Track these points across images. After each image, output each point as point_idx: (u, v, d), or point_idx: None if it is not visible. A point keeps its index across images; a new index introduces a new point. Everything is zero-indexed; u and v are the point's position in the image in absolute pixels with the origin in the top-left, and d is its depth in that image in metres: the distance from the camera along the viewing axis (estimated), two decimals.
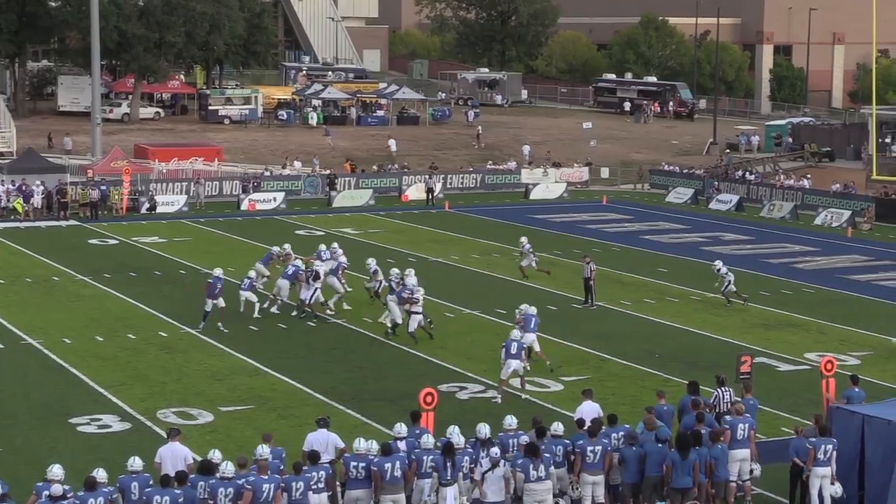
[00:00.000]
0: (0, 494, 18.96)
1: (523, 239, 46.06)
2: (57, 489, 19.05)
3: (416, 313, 35.08)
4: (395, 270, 37.90)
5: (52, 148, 76.60)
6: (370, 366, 33.02)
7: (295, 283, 38.44)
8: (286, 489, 20.11)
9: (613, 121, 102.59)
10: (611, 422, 22.99)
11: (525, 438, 21.98)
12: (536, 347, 32.53)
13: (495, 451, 21.20)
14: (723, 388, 25.02)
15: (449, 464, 21.02)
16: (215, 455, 20.25)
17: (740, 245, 54.80)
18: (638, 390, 30.63)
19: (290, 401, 29.65)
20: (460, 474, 21.17)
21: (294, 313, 38.06)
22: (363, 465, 20.88)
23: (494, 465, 21.06)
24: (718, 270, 41.42)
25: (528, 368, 31.00)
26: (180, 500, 19.41)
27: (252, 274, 38.85)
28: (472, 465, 21.42)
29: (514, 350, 29.97)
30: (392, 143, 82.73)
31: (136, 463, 20.34)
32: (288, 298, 38.67)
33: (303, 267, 38.85)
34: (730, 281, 41.20)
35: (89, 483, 19.34)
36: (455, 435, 21.53)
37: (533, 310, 33.13)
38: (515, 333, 30.87)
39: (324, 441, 21.91)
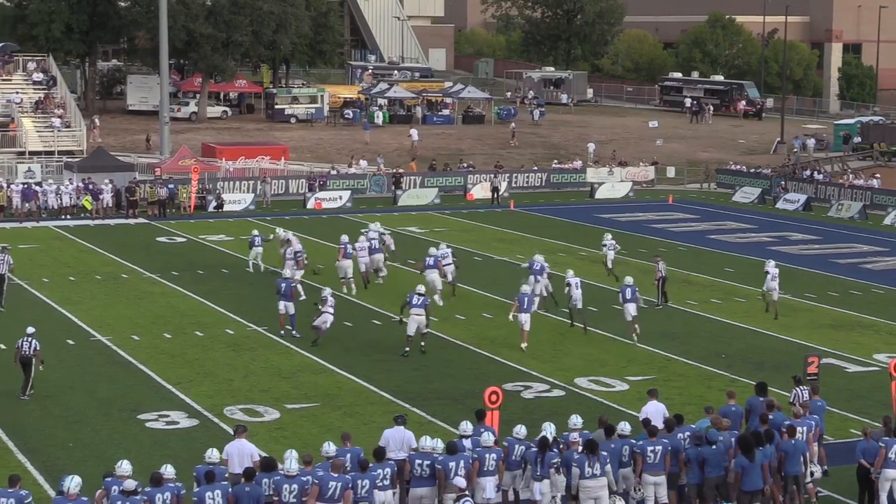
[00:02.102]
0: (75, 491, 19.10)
1: (607, 235, 45.83)
2: (129, 484, 19.21)
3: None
4: (433, 250, 40.42)
5: (150, 150, 77.20)
6: (435, 364, 33.06)
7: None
8: (352, 487, 20.18)
9: (680, 120, 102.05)
10: (677, 422, 22.88)
11: (576, 436, 21.89)
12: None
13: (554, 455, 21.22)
14: (801, 388, 24.87)
15: (540, 459, 21.02)
16: (291, 455, 20.30)
17: (808, 245, 54.33)
18: (704, 390, 30.46)
19: (356, 399, 29.75)
20: (552, 470, 21.16)
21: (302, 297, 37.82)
22: (427, 462, 20.91)
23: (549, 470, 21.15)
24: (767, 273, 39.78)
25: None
26: (230, 491, 19.60)
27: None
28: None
29: (526, 304, 34.26)
30: (413, 133, 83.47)
31: (213, 455, 20.52)
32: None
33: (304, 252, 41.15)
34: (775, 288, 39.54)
35: (156, 479, 19.49)
36: (549, 432, 21.60)
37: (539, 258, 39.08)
38: (526, 288, 35.39)
39: (399, 438, 22.02)
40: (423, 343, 34.24)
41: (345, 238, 42.59)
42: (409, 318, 33.99)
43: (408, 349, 33.80)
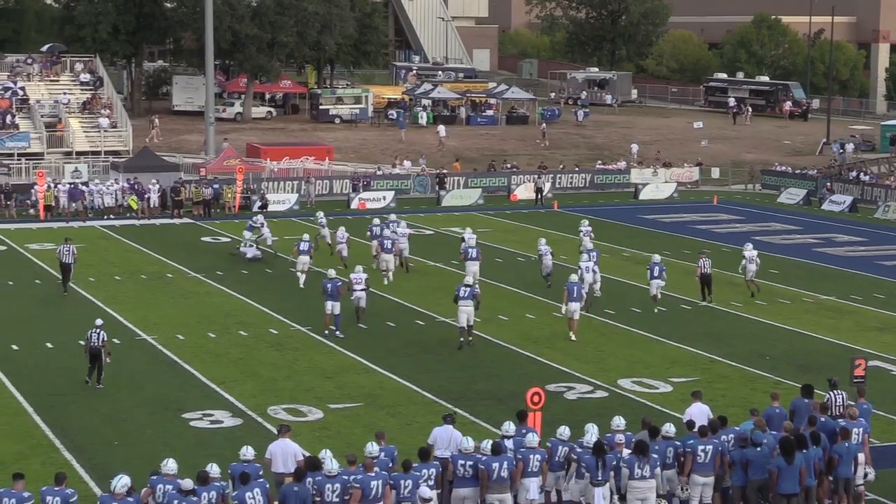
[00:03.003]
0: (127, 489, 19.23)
1: (584, 221, 47.95)
2: (187, 483, 19.34)
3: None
4: (473, 240, 42.97)
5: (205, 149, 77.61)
6: (478, 364, 33.08)
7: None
8: (394, 486, 20.24)
9: (725, 120, 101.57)
10: (721, 424, 22.79)
11: (620, 438, 21.87)
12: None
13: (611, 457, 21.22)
14: (835, 392, 24.67)
15: (600, 463, 21.03)
16: (326, 454, 20.39)
17: (854, 247, 53.98)
18: (748, 392, 30.33)
19: (399, 399, 29.81)
20: (611, 474, 21.15)
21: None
22: (470, 463, 20.93)
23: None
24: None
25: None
26: (268, 488, 19.64)
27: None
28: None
29: (575, 293, 35.63)
30: (441, 130, 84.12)
31: (248, 452, 20.64)
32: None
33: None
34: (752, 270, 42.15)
35: (202, 477, 19.61)
36: (592, 434, 21.63)
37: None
38: (574, 277, 36.53)
39: (447, 437, 22.11)
40: (470, 338, 34.72)
41: (387, 232, 45.02)
42: (459, 310, 34.67)
43: (462, 340, 34.61)
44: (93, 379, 30.42)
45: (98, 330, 30.36)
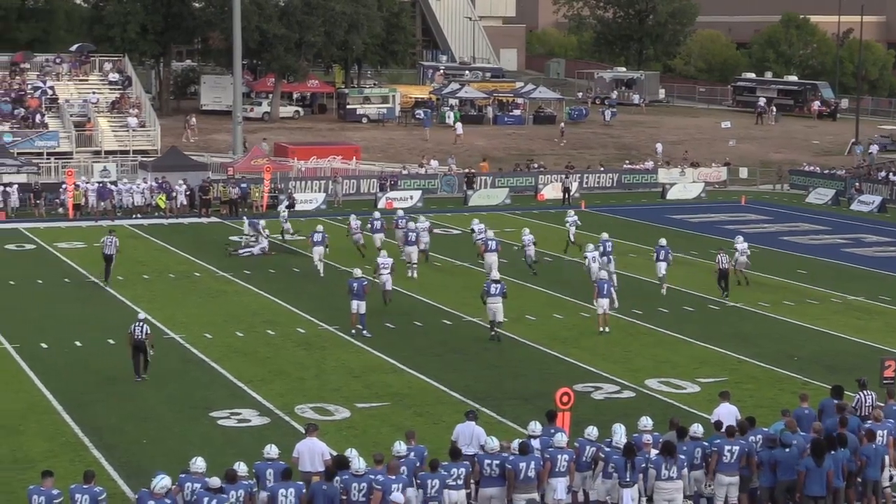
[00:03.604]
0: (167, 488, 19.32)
1: (570, 212, 51.14)
2: (215, 482, 19.42)
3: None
4: (490, 232, 44.98)
5: (247, 151, 77.79)
6: (505, 364, 33.09)
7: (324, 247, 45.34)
8: (421, 486, 20.25)
9: (753, 120, 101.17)
10: (749, 424, 22.72)
11: (648, 438, 21.83)
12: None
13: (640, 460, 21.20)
14: (865, 392, 24.57)
15: (629, 465, 21.01)
16: (352, 454, 20.43)
17: (883, 247, 53.73)
18: (776, 393, 30.24)
19: (426, 399, 29.83)
20: (640, 476, 21.15)
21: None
22: (497, 462, 20.94)
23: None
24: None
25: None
26: (303, 492, 19.70)
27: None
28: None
29: (605, 290, 36.41)
30: (458, 127, 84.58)
31: (272, 451, 20.71)
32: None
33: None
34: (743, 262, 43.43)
35: (230, 476, 19.68)
36: (620, 434, 21.61)
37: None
38: (604, 274, 37.85)
39: (469, 433, 22.17)
40: (499, 331, 35.32)
41: (411, 225, 47.02)
42: (487, 306, 35.31)
43: (493, 333, 35.29)
44: (141, 373, 30.97)
45: (141, 323, 31.09)
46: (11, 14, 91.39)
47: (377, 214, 50.13)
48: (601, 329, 36.52)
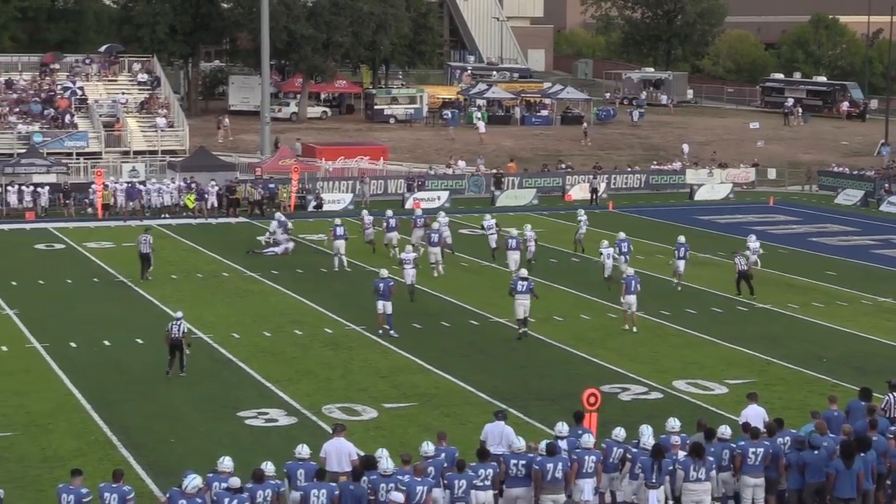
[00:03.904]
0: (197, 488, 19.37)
1: (581, 211, 52.34)
2: (235, 482, 19.46)
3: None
4: (513, 230, 45.79)
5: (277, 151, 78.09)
6: (532, 365, 33.06)
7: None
8: (448, 486, 20.25)
9: (781, 121, 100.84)
10: (777, 426, 22.63)
11: (676, 439, 21.78)
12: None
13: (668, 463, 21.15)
14: (894, 394, 24.45)
15: (656, 466, 20.98)
16: (382, 454, 20.44)
17: None
18: (805, 395, 30.11)
19: (453, 399, 29.83)
20: (666, 477, 21.11)
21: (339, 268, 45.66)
22: (523, 462, 20.92)
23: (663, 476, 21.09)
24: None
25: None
26: (336, 494, 19.69)
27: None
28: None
29: (633, 286, 36.65)
30: (480, 126, 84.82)
31: (303, 451, 20.74)
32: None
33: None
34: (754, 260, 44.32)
35: (258, 475, 19.71)
36: (648, 435, 21.56)
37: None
38: (630, 270, 37.87)
39: (498, 433, 22.18)
40: (526, 328, 35.51)
41: (435, 225, 47.66)
42: (515, 303, 35.44)
43: (521, 332, 35.53)
44: (174, 369, 31.30)
45: (178, 322, 31.50)
46: (41, 15, 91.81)
47: (390, 212, 50.58)
48: (627, 327, 36.64)
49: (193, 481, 19.17)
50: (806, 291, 43.54)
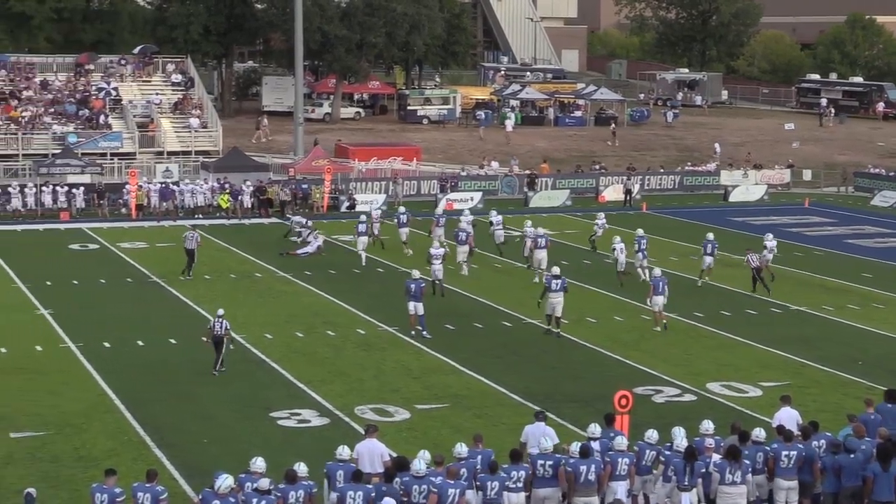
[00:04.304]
0: (230, 488, 19.35)
1: (600, 214, 52.65)
2: (263, 483, 19.45)
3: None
4: (541, 229, 45.73)
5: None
6: (564, 366, 32.97)
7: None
8: (481, 488, 20.19)
9: (817, 122, 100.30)
10: (813, 429, 22.46)
11: (710, 442, 21.66)
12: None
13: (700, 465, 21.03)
14: None
15: (688, 468, 20.87)
16: (424, 455, 20.36)
17: None
18: (840, 398, 29.90)
19: (486, 400, 29.76)
20: (699, 480, 20.99)
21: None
22: (550, 463, 20.83)
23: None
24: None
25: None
26: (372, 495, 19.66)
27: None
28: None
29: (661, 287, 36.70)
30: (508, 125, 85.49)
31: (344, 452, 20.71)
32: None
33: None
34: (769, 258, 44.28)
35: (290, 476, 19.71)
36: (680, 437, 21.46)
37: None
38: (658, 271, 37.84)
39: (539, 433, 22.07)
40: (558, 329, 35.75)
41: (462, 225, 47.80)
42: (548, 299, 35.92)
43: (549, 328, 36.05)
44: (217, 367, 31.60)
45: (220, 319, 31.79)
46: (76, 16, 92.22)
47: (402, 209, 51.87)
48: (657, 327, 36.72)
49: (226, 482, 19.17)
50: (841, 293, 43.29)
